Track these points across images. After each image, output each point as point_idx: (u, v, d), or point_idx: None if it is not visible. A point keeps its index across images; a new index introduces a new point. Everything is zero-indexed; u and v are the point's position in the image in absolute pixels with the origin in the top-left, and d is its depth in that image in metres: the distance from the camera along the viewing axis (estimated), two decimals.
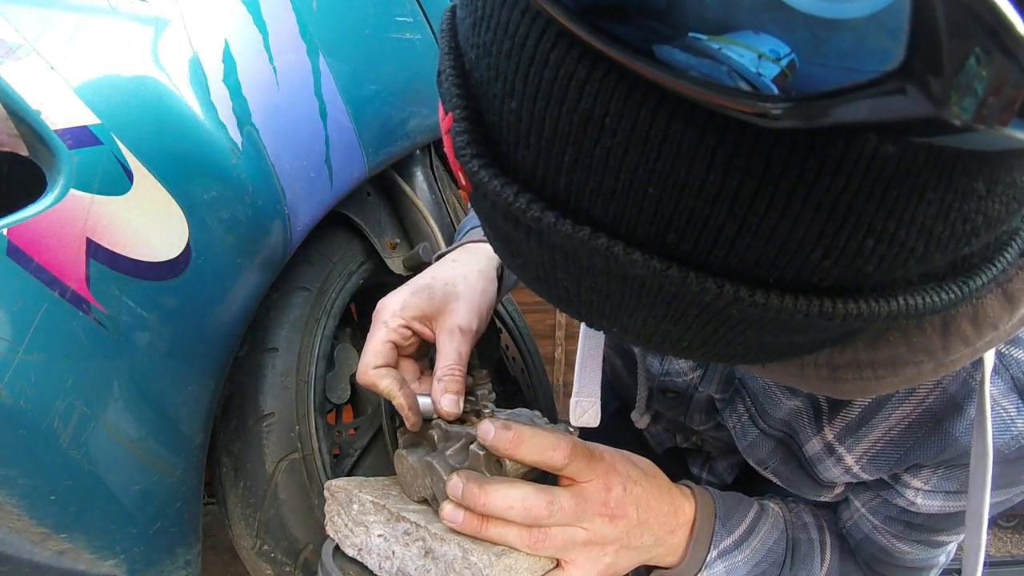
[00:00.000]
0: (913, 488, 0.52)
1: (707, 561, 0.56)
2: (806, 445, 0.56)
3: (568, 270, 0.28)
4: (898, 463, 0.51)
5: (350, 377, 1.05)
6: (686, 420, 0.75)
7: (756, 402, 0.59)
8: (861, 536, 0.60)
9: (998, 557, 1.51)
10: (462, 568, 0.53)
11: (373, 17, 0.87)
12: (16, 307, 0.53)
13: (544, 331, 2.97)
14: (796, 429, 0.57)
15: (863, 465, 0.53)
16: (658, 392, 0.72)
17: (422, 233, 1.06)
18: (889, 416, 0.49)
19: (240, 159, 0.67)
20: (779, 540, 0.60)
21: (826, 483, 0.58)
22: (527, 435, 0.50)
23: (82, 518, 0.60)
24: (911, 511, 0.54)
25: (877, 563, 0.60)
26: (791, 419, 0.56)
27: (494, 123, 0.26)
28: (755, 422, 0.60)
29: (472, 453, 0.57)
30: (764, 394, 0.58)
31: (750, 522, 0.59)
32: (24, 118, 0.54)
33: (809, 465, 0.57)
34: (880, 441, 0.51)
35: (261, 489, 0.80)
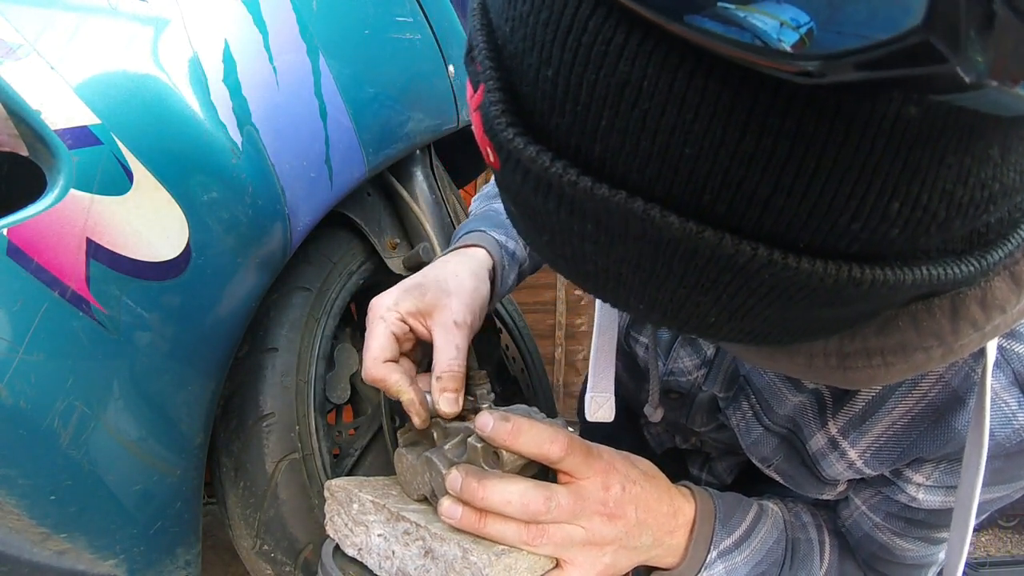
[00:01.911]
0: (915, 484, 0.52)
1: (707, 562, 0.56)
2: (810, 441, 0.56)
3: (598, 241, 0.28)
4: (900, 457, 0.51)
5: (350, 377, 1.05)
6: (687, 421, 0.75)
7: (761, 399, 0.59)
8: (861, 534, 0.61)
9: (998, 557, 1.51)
10: (462, 568, 0.53)
11: (373, 17, 0.87)
12: (16, 307, 0.53)
13: (544, 331, 2.97)
14: (800, 425, 0.57)
15: (866, 460, 0.53)
16: (663, 394, 0.72)
17: (421, 233, 1.06)
18: (892, 410, 0.50)
19: (240, 159, 0.67)
20: (779, 540, 0.60)
21: (829, 480, 0.58)
22: (525, 427, 0.50)
23: (82, 518, 0.60)
24: (912, 507, 0.54)
25: (877, 561, 0.61)
26: (796, 415, 0.57)
27: (528, 93, 0.27)
28: (759, 419, 0.60)
29: (470, 446, 0.57)
30: (769, 390, 0.58)
31: (750, 523, 0.59)
32: (24, 118, 0.54)
33: (813, 462, 0.57)
34: (883, 435, 0.51)
35: (261, 489, 0.80)
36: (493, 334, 1.14)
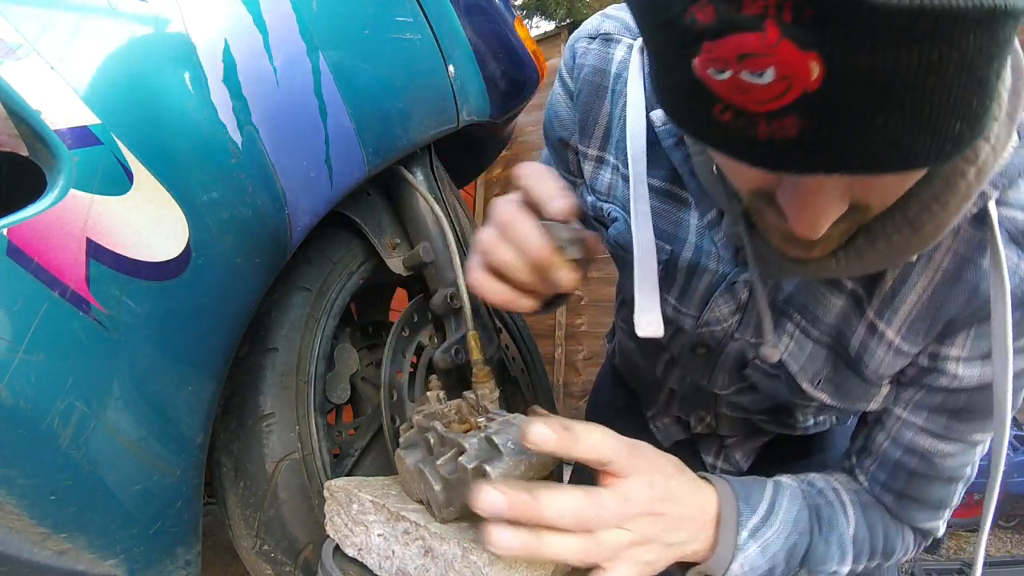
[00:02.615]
0: (953, 359, 0.55)
1: (739, 543, 0.55)
2: (852, 338, 0.59)
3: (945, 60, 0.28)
4: (932, 326, 0.55)
5: (350, 377, 1.05)
6: (709, 382, 0.75)
7: (806, 314, 0.61)
8: (899, 453, 0.62)
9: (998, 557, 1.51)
10: (462, 567, 0.53)
11: (373, 17, 0.87)
12: (16, 307, 0.53)
13: (544, 331, 2.97)
14: (843, 330, 0.60)
15: (903, 335, 0.57)
16: (688, 352, 0.73)
17: (422, 233, 1.06)
18: (915, 284, 0.54)
19: (240, 159, 0.67)
20: (801, 509, 0.61)
21: (873, 380, 0.60)
22: (581, 432, 0.49)
23: (82, 518, 0.60)
24: (953, 393, 0.57)
25: (911, 486, 0.62)
26: (839, 321, 0.60)
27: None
28: (808, 334, 0.62)
29: (460, 465, 0.58)
30: (815, 301, 0.60)
31: (770, 497, 0.60)
32: (24, 118, 0.54)
33: (857, 362, 0.60)
34: (913, 308, 0.55)
35: (261, 489, 0.80)
36: (493, 334, 1.14)
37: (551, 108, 0.75)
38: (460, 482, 0.58)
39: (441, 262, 1.05)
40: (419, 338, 1.08)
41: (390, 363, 0.99)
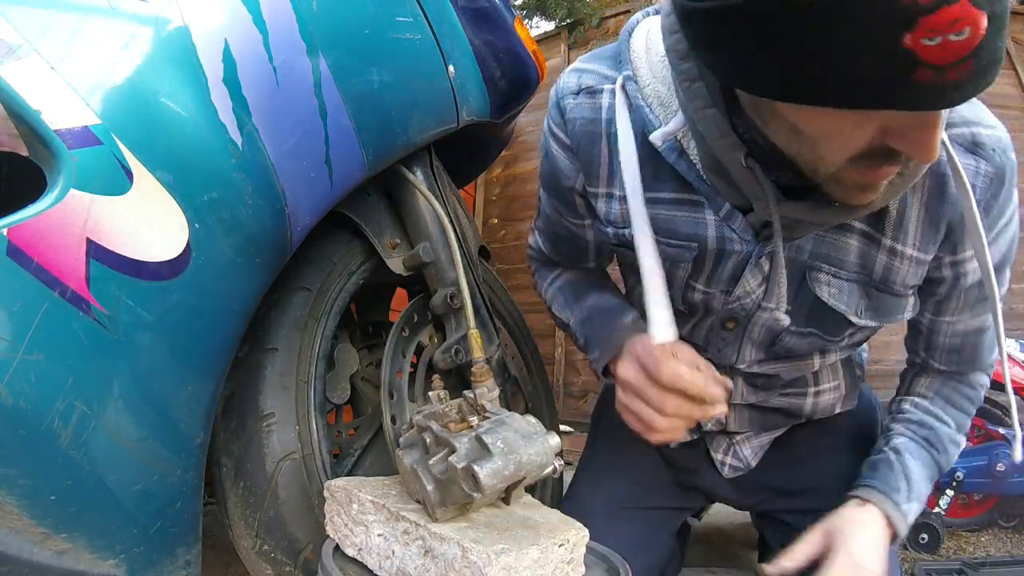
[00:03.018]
0: (968, 259, 0.71)
1: (908, 520, 0.76)
2: (875, 266, 0.71)
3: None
4: (937, 232, 0.69)
5: (350, 377, 1.05)
6: (737, 359, 0.83)
7: (832, 260, 0.71)
8: (959, 339, 0.79)
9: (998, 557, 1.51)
10: (461, 567, 0.53)
11: (373, 17, 0.87)
12: (16, 307, 0.53)
13: (544, 331, 2.97)
14: (865, 263, 0.71)
15: (918, 246, 0.70)
16: (718, 329, 0.81)
17: (422, 233, 1.06)
18: (913, 206, 0.68)
19: (240, 159, 0.67)
20: (921, 452, 0.80)
21: (902, 293, 0.73)
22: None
23: (82, 518, 0.60)
24: (980, 283, 0.72)
25: (973, 348, 0.80)
26: (859, 258, 0.71)
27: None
28: (839, 276, 0.72)
29: (450, 465, 0.58)
30: (834, 249, 0.71)
31: (900, 469, 0.78)
32: (24, 118, 0.54)
33: (884, 282, 0.72)
34: (919, 224, 0.68)
35: (261, 489, 0.80)
36: (493, 333, 1.14)
37: (551, 164, 0.83)
38: (451, 481, 0.58)
39: (441, 262, 1.04)
40: (419, 338, 1.08)
41: (390, 363, 0.99)
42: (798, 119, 0.50)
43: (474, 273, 1.11)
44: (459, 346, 1.03)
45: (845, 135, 0.50)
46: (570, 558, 0.58)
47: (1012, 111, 2.62)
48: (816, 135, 0.51)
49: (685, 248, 0.74)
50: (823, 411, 0.94)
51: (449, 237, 1.04)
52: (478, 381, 0.87)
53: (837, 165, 0.53)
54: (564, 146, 0.79)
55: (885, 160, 0.51)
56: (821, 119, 0.49)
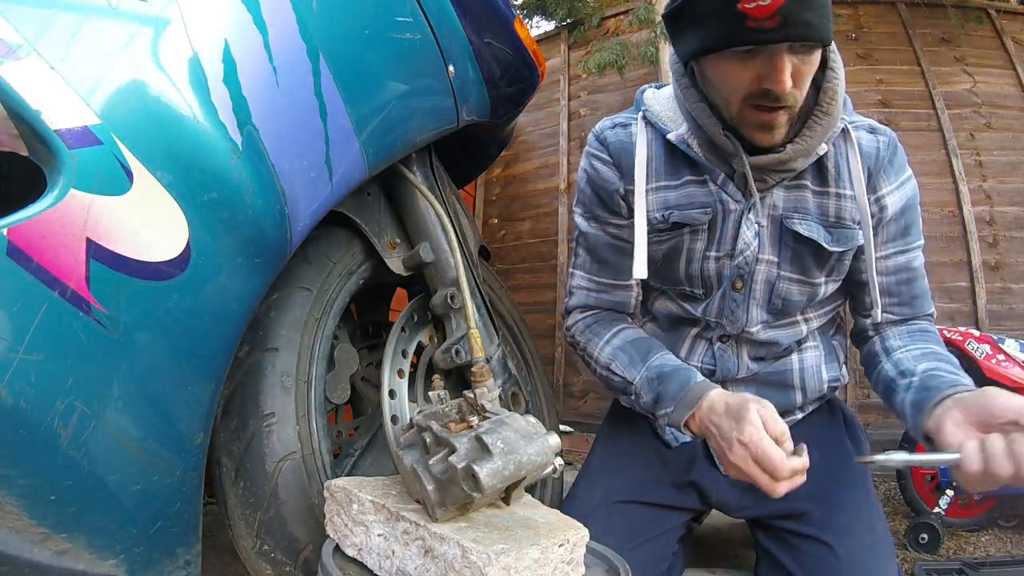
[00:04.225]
0: (886, 195, 0.95)
1: None
2: (830, 208, 0.94)
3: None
4: (866, 176, 0.93)
5: (350, 377, 1.05)
6: (747, 321, 0.98)
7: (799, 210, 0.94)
8: (892, 278, 0.99)
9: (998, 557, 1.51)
10: (461, 567, 0.53)
11: (373, 17, 0.87)
12: (16, 307, 0.53)
13: (544, 331, 2.97)
14: (822, 209, 0.94)
15: (853, 187, 0.92)
16: (730, 292, 0.98)
17: (422, 232, 1.06)
18: (849, 159, 0.92)
19: (240, 159, 0.67)
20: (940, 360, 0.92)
21: (851, 226, 0.94)
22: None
23: (82, 518, 0.60)
24: (896, 218, 0.97)
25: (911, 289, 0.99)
26: (815, 207, 0.94)
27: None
28: (807, 219, 0.94)
29: (450, 465, 0.58)
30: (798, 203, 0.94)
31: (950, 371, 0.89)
32: (24, 118, 0.54)
33: (840, 220, 0.94)
34: (854, 171, 0.91)
35: (261, 489, 0.80)
36: (493, 333, 1.14)
37: (593, 180, 1.04)
38: (451, 481, 0.58)
39: (441, 262, 1.04)
40: (419, 338, 1.08)
41: (390, 363, 0.99)
42: (710, 71, 0.84)
43: (474, 273, 1.11)
44: (459, 346, 1.03)
45: (733, 78, 0.81)
46: (570, 558, 0.58)
47: (1012, 111, 2.63)
48: (718, 81, 0.84)
49: (702, 212, 0.96)
50: (811, 374, 1.04)
51: (449, 237, 1.04)
52: (478, 381, 0.87)
53: (737, 105, 0.83)
54: (606, 162, 1.02)
55: (764, 99, 0.80)
56: (716, 67, 0.83)
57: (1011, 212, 2.54)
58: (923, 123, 2.62)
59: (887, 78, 2.69)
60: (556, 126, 3.12)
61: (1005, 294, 2.47)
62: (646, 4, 2.73)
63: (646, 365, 0.95)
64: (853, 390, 2.45)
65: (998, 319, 2.45)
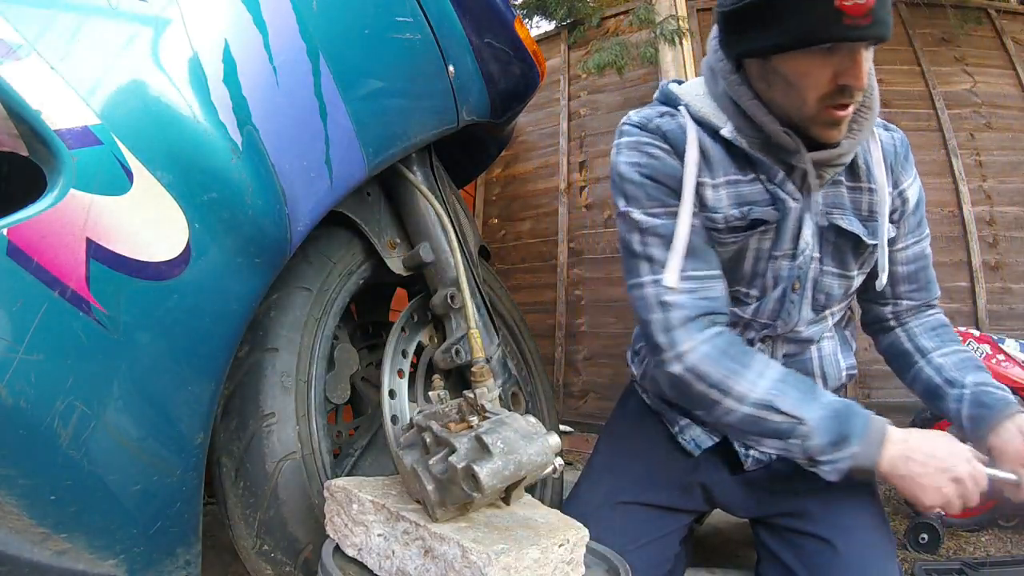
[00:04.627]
0: (906, 187, 1.01)
1: None
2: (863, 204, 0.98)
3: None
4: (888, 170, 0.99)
5: (350, 377, 1.05)
6: (799, 320, 0.99)
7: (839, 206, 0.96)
8: (908, 266, 1.04)
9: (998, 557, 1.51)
10: (461, 567, 0.53)
11: (373, 17, 0.87)
12: (16, 307, 0.53)
13: (544, 331, 2.97)
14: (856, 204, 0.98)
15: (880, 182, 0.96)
16: (789, 295, 0.98)
17: (422, 232, 1.06)
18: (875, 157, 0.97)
19: (240, 159, 0.67)
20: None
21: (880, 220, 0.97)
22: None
23: (82, 518, 0.60)
24: (915, 210, 1.03)
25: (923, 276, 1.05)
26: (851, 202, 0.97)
27: None
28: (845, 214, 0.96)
29: (450, 465, 0.58)
30: (837, 200, 0.96)
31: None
32: (24, 118, 0.54)
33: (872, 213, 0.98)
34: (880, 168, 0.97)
35: (261, 489, 0.80)
36: (493, 333, 1.14)
37: (655, 170, 0.95)
38: (451, 481, 0.58)
39: (441, 262, 1.05)
40: (419, 338, 1.08)
41: (390, 363, 0.99)
42: (787, 68, 0.83)
43: (474, 273, 1.11)
44: (459, 346, 1.03)
45: (814, 76, 0.82)
46: (570, 558, 0.58)
47: (1012, 111, 2.62)
48: (797, 78, 0.83)
49: (772, 209, 0.94)
50: (829, 363, 1.06)
51: (449, 237, 1.04)
52: (478, 381, 0.87)
53: (813, 105, 0.84)
54: (666, 151, 0.96)
55: (841, 96, 0.83)
56: (798, 64, 0.82)
57: (1011, 212, 2.53)
58: (923, 123, 2.62)
59: (887, 78, 2.69)
60: (556, 126, 3.12)
61: (1005, 294, 2.47)
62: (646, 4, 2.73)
63: (819, 402, 0.85)
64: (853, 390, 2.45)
65: (998, 319, 2.44)
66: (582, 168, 3.02)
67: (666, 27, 2.55)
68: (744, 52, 0.88)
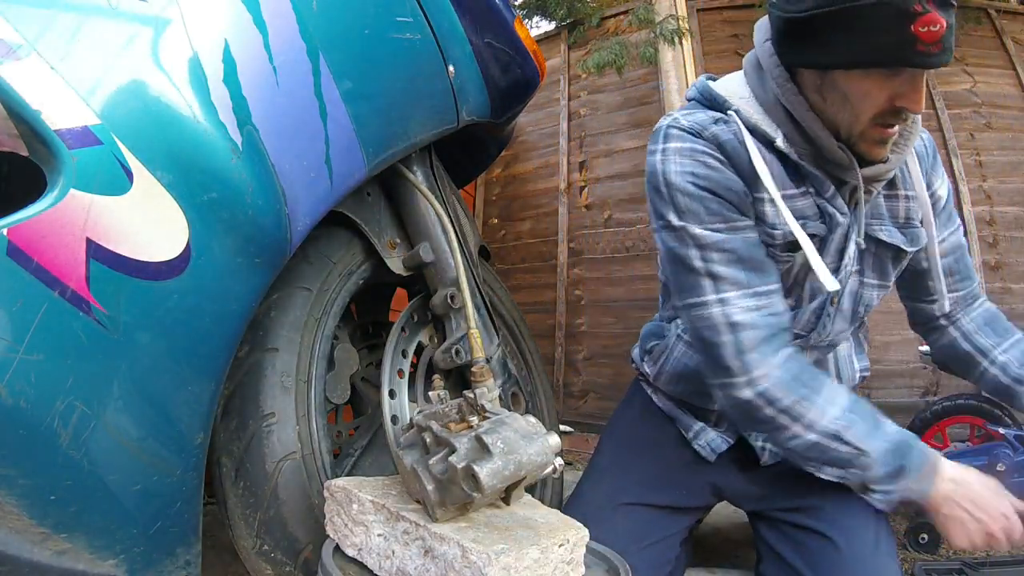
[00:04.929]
0: (938, 187, 1.03)
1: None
2: (900, 211, 0.98)
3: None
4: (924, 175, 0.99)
5: (350, 377, 1.05)
6: (833, 331, 1.00)
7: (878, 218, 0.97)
8: (949, 260, 1.05)
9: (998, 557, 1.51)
10: (461, 567, 0.53)
11: (373, 17, 0.87)
12: (16, 307, 0.53)
13: (544, 331, 2.97)
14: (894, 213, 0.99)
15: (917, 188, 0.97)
16: (828, 306, 0.98)
17: (422, 232, 1.06)
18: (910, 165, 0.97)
19: (240, 159, 0.67)
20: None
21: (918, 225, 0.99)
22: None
23: (82, 518, 0.60)
24: (946, 205, 1.05)
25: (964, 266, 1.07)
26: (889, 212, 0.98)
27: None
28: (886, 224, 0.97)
29: (450, 465, 0.58)
30: (877, 211, 0.97)
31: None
32: (24, 118, 0.54)
33: (909, 220, 0.99)
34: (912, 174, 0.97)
35: (261, 489, 0.80)
36: (493, 333, 1.14)
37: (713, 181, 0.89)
38: (451, 481, 0.58)
39: (441, 262, 1.05)
40: (419, 338, 1.08)
41: (390, 363, 0.99)
42: (847, 84, 0.82)
43: (474, 273, 1.11)
44: (459, 346, 1.03)
45: (873, 95, 0.81)
46: (570, 558, 0.58)
47: (1012, 111, 2.62)
48: (855, 96, 0.82)
49: (821, 224, 0.93)
50: (845, 364, 1.09)
51: (449, 237, 1.04)
52: (478, 381, 0.87)
53: (865, 123, 0.84)
54: (723, 162, 0.91)
55: (894, 117, 0.83)
56: (860, 82, 0.81)
57: (1011, 212, 2.53)
58: (923, 123, 2.63)
59: None
60: (556, 126, 3.12)
61: (1005, 294, 2.47)
62: (646, 4, 2.73)
63: (883, 432, 0.85)
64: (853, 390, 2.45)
65: None
66: (582, 168, 3.02)
67: (666, 27, 2.55)
68: (805, 62, 0.85)
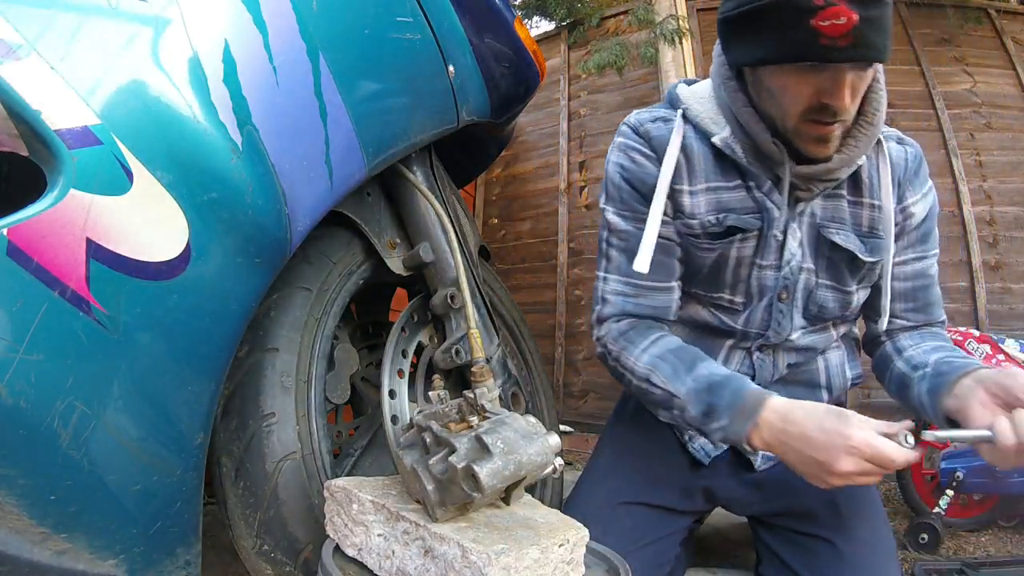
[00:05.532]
0: (911, 204, 0.98)
1: None
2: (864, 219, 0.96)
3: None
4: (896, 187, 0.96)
5: (350, 377, 1.05)
6: (791, 328, 0.98)
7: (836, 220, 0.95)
8: (907, 283, 1.00)
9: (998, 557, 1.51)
10: (461, 567, 0.53)
11: (373, 17, 0.87)
12: (16, 307, 0.53)
13: (544, 331, 2.97)
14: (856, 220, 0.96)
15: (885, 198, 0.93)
16: (776, 304, 0.97)
17: (422, 232, 1.06)
18: (881, 171, 0.94)
19: (240, 159, 0.67)
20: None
21: (883, 236, 0.95)
22: None
23: (82, 518, 0.60)
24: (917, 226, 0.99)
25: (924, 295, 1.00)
26: (851, 217, 0.96)
27: None
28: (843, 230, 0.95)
29: (450, 465, 0.58)
30: (835, 213, 0.95)
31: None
32: (24, 118, 0.54)
33: (872, 230, 0.96)
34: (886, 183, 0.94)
35: (261, 489, 0.80)
36: (493, 333, 1.14)
37: (632, 174, 0.98)
38: (451, 481, 0.58)
39: (441, 262, 1.05)
40: (419, 338, 1.08)
41: (390, 363, 0.99)
42: (770, 80, 0.83)
43: (474, 273, 1.11)
44: (459, 346, 1.03)
45: (793, 91, 0.81)
46: (570, 558, 0.58)
47: (1012, 111, 2.62)
48: (778, 91, 0.83)
49: (753, 217, 0.94)
50: (835, 372, 1.06)
51: (449, 237, 1.04)
52: (478, 381, 0.87)
53: (795, 118, 0.83)
54: (648, 156, 0.97)
55: (820, 113, 0.81)
56: (779, 78, 0.82)
57: (1011, 212, 2.53)
58: (923, 123, 2.62)
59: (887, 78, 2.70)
60: (556, 126, 3.12)
61: (1005, 294, 2.47)
62: (645, 4, 2.73)
63: (692, 375, 0.88)
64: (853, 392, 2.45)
65: (998, 319, 2.44)
66: (582, 168, 3.02)
67: (666, 27, 2.55)
68: (736, 60, 0.88)
